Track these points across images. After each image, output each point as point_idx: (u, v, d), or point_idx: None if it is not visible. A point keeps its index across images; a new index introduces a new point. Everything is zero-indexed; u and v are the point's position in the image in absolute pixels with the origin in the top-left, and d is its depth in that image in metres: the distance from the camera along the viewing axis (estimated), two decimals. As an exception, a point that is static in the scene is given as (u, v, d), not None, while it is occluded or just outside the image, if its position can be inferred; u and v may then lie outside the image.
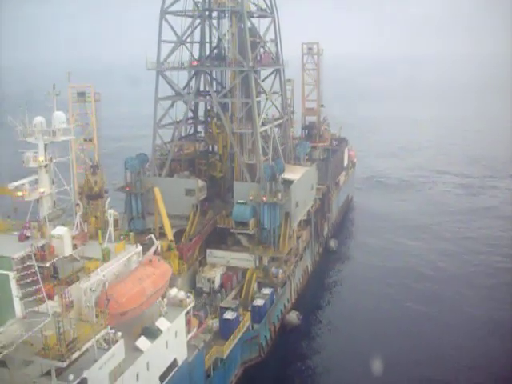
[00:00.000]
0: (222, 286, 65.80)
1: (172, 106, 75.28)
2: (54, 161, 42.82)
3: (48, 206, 42.71)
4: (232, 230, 68.58)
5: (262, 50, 74.52)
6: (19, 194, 40.88)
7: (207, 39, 78.46)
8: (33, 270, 32.48)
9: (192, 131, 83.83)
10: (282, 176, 70.07)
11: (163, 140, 75.97)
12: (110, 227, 43.19)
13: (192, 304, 45.65)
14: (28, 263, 33.50)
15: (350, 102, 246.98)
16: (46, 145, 42.32)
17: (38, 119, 42.80)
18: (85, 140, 47.76)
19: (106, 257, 39.46)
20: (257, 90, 71.55)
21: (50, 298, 33.90)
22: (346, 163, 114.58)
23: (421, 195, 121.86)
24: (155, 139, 73.91)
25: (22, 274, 32.49)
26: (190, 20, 75.27)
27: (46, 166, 42.52)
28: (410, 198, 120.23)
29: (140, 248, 42.96)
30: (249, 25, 70.19)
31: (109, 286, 37.07)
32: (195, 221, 70.56)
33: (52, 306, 33.20)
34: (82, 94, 59.75)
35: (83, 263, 38.82)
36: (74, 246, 38.65)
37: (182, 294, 44.94)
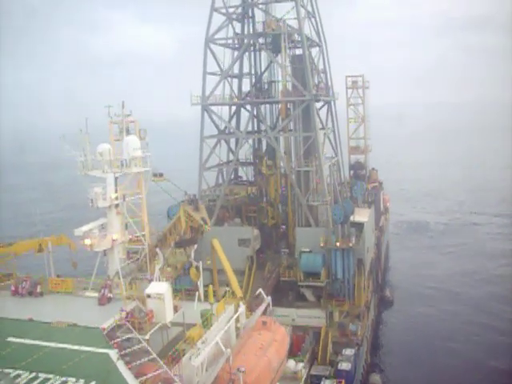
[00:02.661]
0: (291, 348, 55.38)
1: (216, 145, 67.02)
2: (128, 199, 33.52)
3: (120, 259, 33.09)
4: (300, 283, 58.78)
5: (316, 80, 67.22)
6: (87, 242, 31.36)
7: (246, 70, 71.07)
8: (139, 346, 22.51)
9: (232, 175, 75.16)
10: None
11: (208, 184, 67.09)
12: (200, 283, 33.49)
13: (305, 375, 35.43)
14: (128, 335, 23.54)
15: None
16: (116, 179, 33.23)
17: (104, 146, 33.99)
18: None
19: (208, 321, 29.53)
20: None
21: (160, 380, 23.76)
22: (382, 207, 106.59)
23: (460, 239, 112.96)
24: (201, 183, 64.91)
25: (125, 352, 22.49)
26: (231, 51, 69.02)
27: (116, 206, 33.23)
28: (449, 242, 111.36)
29: (244, 307, 33.15)
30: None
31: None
32: (252, 275, 60.78)
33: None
34: (127, 131, 51.15)
35: (182, 331, 28.83)
36: (175, 308, 28.64)
37: (292, 364, 34.80)
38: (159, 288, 27.40)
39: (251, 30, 66.62)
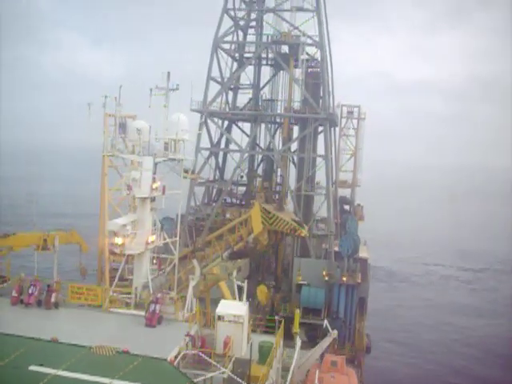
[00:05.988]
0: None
1: (209, 159, 60.27)
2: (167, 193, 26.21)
3: (148, 268, 25.52)
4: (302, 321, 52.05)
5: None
6: (118, 242, 23.62)
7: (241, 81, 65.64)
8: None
9: (215, 195, 68.07)
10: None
11: (196, 202, 59.81)
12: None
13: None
14: (208, 373, 16.23)
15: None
16: (156, 165, 26.01)
17: (141, 124, 26.83)
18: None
19: (271, 357, 22.44)
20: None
21: None
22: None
23: (426, 290, 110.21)
24: (190, 199, 57.53)
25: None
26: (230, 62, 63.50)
27: (152, 200, 25.86)
28: (416, 292, 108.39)
29: (300, 341, 26.33)
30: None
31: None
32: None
33: None
34: (123, 126, 43.79)
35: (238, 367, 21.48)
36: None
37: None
38: (237, 308, 20.08)
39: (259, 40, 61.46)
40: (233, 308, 20.37)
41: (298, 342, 26.61)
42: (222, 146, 64.17)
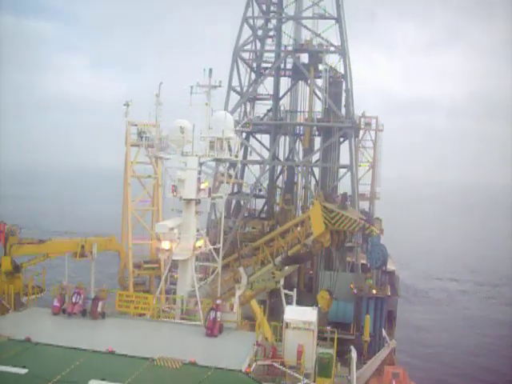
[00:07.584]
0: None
1: (229, 170, 58.67)
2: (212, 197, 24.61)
3: (194, 275, 23.78)
4: (326, 335, 49.96)
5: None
6: (165, 246, 21.96)
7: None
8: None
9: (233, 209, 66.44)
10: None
11: (216, 215, 58.12)
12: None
13: None
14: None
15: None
16: (201, 164, 24.54)
17: (183, 123, 25.40)
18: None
19: (327, 368, 20.45)
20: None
21: None
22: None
23: (446, 305, 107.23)
24: (212, 211, 55.88)
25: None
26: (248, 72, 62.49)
27: (197, 203, 24.27)
28: (435, 307, 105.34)
29: (355, 352, 24.43)
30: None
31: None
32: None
33: None
34: (144, 135, 42.20)
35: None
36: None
37: None
38: (307, 314, 18.26)
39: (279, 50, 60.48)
40: (302, 314, 18.57)
41: (354, 354, 24.65)
42: (240, 158, 62.97)
